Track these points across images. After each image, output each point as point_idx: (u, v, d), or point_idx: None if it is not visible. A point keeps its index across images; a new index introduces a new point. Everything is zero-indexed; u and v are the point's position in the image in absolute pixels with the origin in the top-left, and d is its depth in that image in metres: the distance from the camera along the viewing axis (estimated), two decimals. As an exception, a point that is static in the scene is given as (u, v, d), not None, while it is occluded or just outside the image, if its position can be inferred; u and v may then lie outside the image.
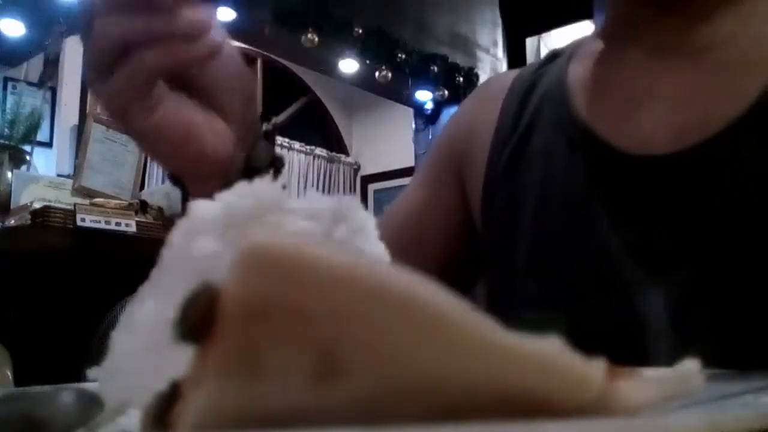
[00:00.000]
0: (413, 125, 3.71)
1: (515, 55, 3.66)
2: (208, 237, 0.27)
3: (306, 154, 4.73)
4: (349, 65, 3.34)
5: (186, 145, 0.45)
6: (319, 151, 4.79)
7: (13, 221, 1.61)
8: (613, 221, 0.49)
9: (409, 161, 3.95)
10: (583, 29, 3.01)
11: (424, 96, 3.48)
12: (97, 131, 1.73)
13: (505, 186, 0.57)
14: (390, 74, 3.23)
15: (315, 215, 0.28)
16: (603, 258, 0.49)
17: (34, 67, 2.99)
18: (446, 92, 3.40)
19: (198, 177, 0.47)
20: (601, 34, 0.58)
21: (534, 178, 0.55)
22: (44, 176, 2.05)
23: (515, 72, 0.64)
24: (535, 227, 0.54)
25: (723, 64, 0.49)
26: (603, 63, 0.56)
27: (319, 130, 4.97)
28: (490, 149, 0.59)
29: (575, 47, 0.61)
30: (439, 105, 3.49)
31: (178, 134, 0.45)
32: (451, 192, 0.63)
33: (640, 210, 0.48)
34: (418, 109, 3.59)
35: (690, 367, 0.16)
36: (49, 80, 2.73)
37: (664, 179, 0.48)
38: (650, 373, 0.16)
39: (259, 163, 0.49)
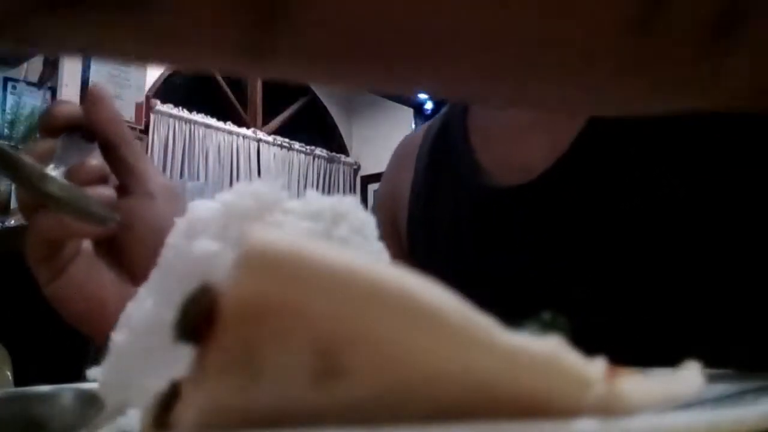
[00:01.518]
0: (413, 125, 3.72)
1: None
2: (207, 237, 0.27)
3: (306, 154, 4.73)
4: (349, 65, 3.34)
5: (87, 314, 0.44)
6: (319, 151, 4.79)
7: (13, 221, 1.61)
8: (496, 252, 0.50)
9: (409, 161, 3.95)
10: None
11: (424, 96, 3.49)
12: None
13: (422, 238, 0.58)
14: (390, 74, 3.24)
15: (315, 215, 0.28)
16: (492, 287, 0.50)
17: (34, 67, 2.99)
18: (446, 92, 3.40)
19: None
20: None
21: (442, 223, 0.56)
22: (44, 176, 2.04)
23: (428, 124, 0.65)
24: (441, 269, 0.54)
25: None
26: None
27: (319, 130, 4.97)
28: (408, 207, 0.60)
29: None
30: (439, 105, 3.49)
31: (79, 305, 0.43)
32: (396, 252, 0.63)
33: (511, 239, 0.49)
34: (418, 109, 3.59)
35: (690, 367, 0.16)
36: (49, 80, 2.73)
37: (527, 208, 0.48)
38: (650, 373, 0.16)
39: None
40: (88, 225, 0.40)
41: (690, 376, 0.16)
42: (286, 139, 4.62)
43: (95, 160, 0.43)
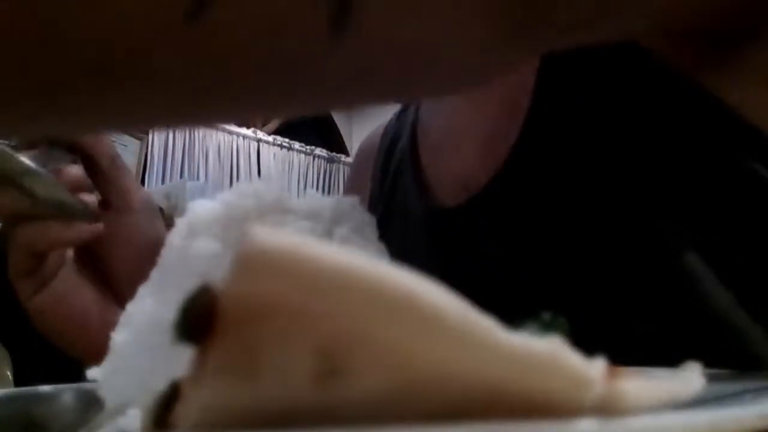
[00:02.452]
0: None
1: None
2: (208, 237, 0.27)
3: (306, 154, 4.73)
4: (349, 65, 3.34)
5: (69, 331, 0.43)
6: (319, 151, 4.79)
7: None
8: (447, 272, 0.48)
9: (409, 161, 3.95)
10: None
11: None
12: (97, 131, 1.73)
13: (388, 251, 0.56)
14: (390, 74, 3.24)
15: (315, 215, 0.28)
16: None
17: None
18: (446, 92, 3.40)
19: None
20: None
21: (396, 239, 0.54)
22: (44, 176, 2.05)
23: (385, 124, 0.62)
24: None
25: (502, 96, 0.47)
26: (433, 109, 0.54)
27: (319, 130, 4.97)
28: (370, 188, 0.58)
29: None
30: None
31: (61, 320, 0.43)
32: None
33: (458, 259, 0.47)
34: (418, 109, 3.59)
35: (691, 368, 0.16)
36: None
37: (466, 228, 0.47)
38: (651, 373, 0.16)
39: None
40: (70, 230, 0.40)
41: (690, 376, 0.16)
42: (286, 139, 4.62)
43: (75, 169, 0.43)
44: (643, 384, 0.15)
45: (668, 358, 0.20)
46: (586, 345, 0.16)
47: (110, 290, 0.45)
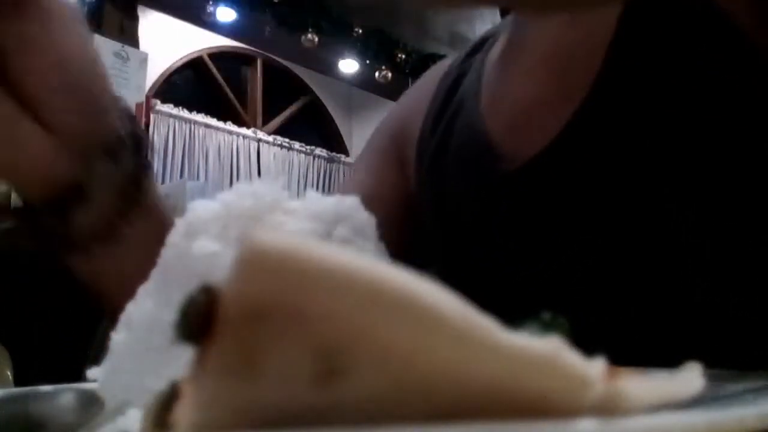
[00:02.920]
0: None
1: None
2: (207, 237, 0.27)
3: (306, 154, 4.74)
4: (348, 65, 3.34)
5: None
6: (319, 151, 4.80)
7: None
8: (504, 240, 0.48)
9: (408, 161, 3.95)
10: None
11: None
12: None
13: (429, 190, 0.56)
14: (390, 74, 3.24)
15: (315, 215, 0.28)
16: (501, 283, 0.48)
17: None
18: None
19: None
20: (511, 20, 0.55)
21: (450, 188, 0.53)
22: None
23: (451, 62, 0.61)
24: (448, 246, 0.53)
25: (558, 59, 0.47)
26: (503, 58, 0.53)
27: (319, 130, 4.97)
28: (417, 146, 0.58)
29: (497, 32, 0.57)
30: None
31: None
32: (394, 178, 0.60)
33: (519, 225, 0.47)
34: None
35: (690, 368, 0.16)
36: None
37: (513, 198, 0.47)
38: (651, 373, 0.16)
39: (96, 194, 0.38)
40: None
41: (690, 376, 0.16)
42: (286, 139, 4.62)
43: None
44: (643, 384, 0.15)
45: (668, 358, 0.20)
46: (586, 345, 0.16)
47: (33, 111, 0.36)
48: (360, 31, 3.18)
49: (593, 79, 0.44)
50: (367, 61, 3.21)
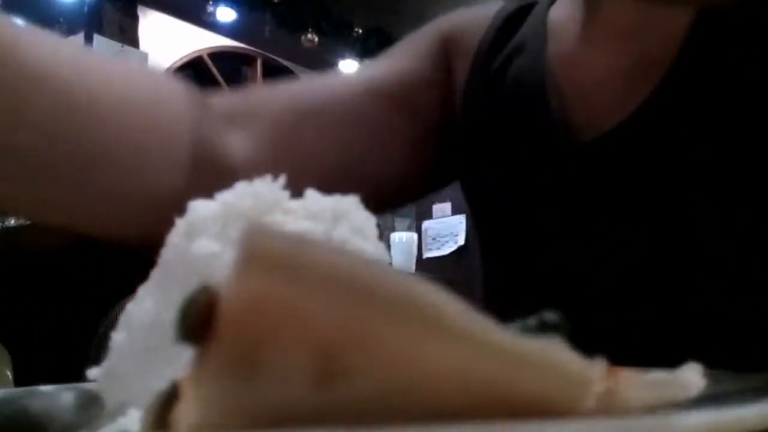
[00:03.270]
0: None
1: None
2: (207, 237, 0.27)
3: (306, 154, 4.73)
4: (349, 65, 3.34)
5: None
6: (319, 151, 4.78)
7: (13, 221, 1.61)
8: (562, 207, 0.48)
9: (409, 161, 3.94)
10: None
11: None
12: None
13: (478, 121, 0.55)
14: (390, 74, 3.24)
15: (315, 215, 0.28)
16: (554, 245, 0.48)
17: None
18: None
19: None
20: None
21: (500, 133, 0.53)
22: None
23: (477, 19, 0.59)
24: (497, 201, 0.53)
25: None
26: (572, 22, 0.52)
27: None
28: (470, 68, 0.56)
29: None
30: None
31: None
32: (438, 66, 0.58)
33: (585, 197, 0.47)
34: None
35: (691, 368, 0.16)
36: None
37: (580, 171, 0.47)
38: (650, 373, 0.16)
39: None
40: None
41: (690, 376, 0.16)
42: (286, 139, 4.61)
43: None
44: (643, 384, 0.15)
45: (668, 358, 0.20)
46: (586, 345, 0.16)
47: None
48: (360, 31, 3.18)
49: (674, 57, 0.44)
50: (367, 61, 3.22)
